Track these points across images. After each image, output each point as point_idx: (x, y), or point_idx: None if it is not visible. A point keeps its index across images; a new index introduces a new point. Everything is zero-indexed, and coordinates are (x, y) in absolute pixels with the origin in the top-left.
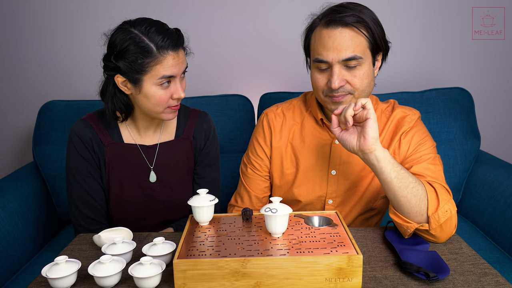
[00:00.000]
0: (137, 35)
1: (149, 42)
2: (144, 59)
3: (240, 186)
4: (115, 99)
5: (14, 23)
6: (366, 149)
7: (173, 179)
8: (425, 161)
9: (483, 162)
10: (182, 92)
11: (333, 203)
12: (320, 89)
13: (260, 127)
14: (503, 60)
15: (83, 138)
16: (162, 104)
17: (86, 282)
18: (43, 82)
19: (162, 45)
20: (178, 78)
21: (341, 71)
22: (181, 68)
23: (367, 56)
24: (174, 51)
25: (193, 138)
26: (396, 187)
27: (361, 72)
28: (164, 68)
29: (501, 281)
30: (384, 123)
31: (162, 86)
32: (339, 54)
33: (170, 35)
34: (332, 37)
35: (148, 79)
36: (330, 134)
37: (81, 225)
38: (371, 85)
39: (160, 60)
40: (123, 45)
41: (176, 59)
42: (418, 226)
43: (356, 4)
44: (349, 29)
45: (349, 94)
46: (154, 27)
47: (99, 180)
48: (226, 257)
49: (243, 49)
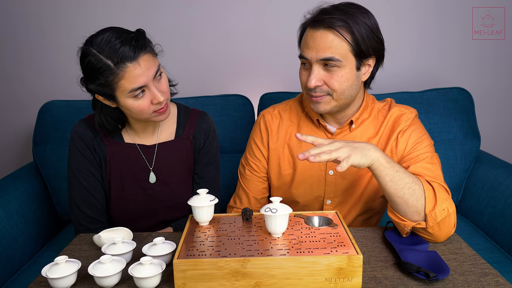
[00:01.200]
0: (94, 55)
1: (106, 60)
2: (106, 78)
3: (239, 188)
4: (103, 112)
5: (14, 23)
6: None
7: (173, 179)
8: (422, 160)
9: (483, 162)
10: (160, 96)
11: (331, 203)
12: (303, 85)
13: (257, 128)
14: (503, 60)
15: (85, 138)
16: (145, 111)
17: (86, 282)
18: (43, 82)
19: (118, 60)
20: (152, 84)
21: (319, 71)
22: (149, 74)
23: (349, 60)
24: (132, 62)
25: (193, 137)
26: (391, 189)
27: (340, 74)
28: (129, 81)
29: (501, 281)
30: (380, 122)
31: (136, 98)
32: (318, 53)
33: (125, 45)
34: (314, 37)
35: (119, 94)
36: (326, 134)
37: (81, 224)
38: (352, 89)
39: (122, 75)
40: (85, 69)
41: (138, 68)
42: (414, 224)
43: (354, 7)
44: (331, 32)
45: (327, 95)
46: (109, 41)
47: (100, 180)
48: (226, 257)
49: (243, 49)
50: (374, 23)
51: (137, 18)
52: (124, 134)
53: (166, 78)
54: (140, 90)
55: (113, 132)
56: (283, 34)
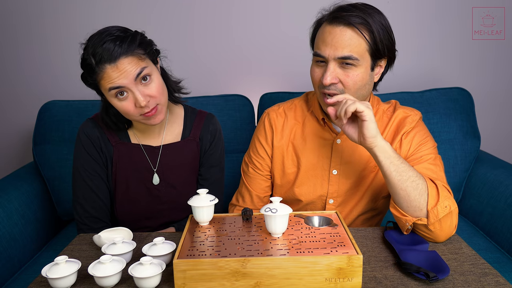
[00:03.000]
0: (86, 53)
1: (92, 58)
2: (91, 76)
3: (242, 186)
4: (107, 111)
5: (14, 23)
6: (366, 146)
7: (178, 180)
8: (426, 161)
9: (483, 162)
10: (142, 100)
11: (334, 202)
12: (316, 82)
13: (261, 126)
14: (503, 60)
15: (92, 137)
16: (131, 113)
17: (86, 282)
18: (43, 82)
19: (98, 60)
20: (134, 86)
21: (335, 68)
22: (128, 77)
23: (365, 59)
24: (111, 64)
25: (200, 139)
26: (395, 180)
27: (355, 73)
28: (107, 81)
29: (501, 281)
30: (385, 124)
31: (118, 98)
32: (336, 51)
33: (107, 47)
34: (332, 33)
35: (104, 93)
36: (331, 134)
37: (84, 223)
38: (365, 89)
39: (101, 76)
40: (81, 66)
41: (116, 71)
42: (416, 220)
43: (369, 7)
44: (351, 29)
45: (340, 94)
46: (98, 39)
47: (105, 180)
48: (226, 257)
49: (243, 49)
50: (388, 24)
51: (137, 19)
52: (131, 134)
53: (158, 83)
54: (120, 91)
55: (120, 131)
56: (283, 34)
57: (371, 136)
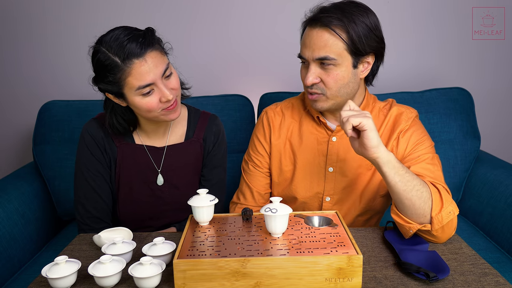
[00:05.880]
0: (103, 53)
1: (114, 57)
2: (114, 76)
3: (242, 183)
4: (115, 113)
5: (14, 23)
6: (368, 157)
7: (181, 181)
8: (423, 161)
9: (483, 162)
10: (169, 94)
11: (330, 200)
12: (303, 83)
13: (260, 124)
14: (503, 60)
15: (96, 138)
16: (153, 109)
17: (86, 282)
18: (43, 82)
19: (125, 56)
20: (160, 81)
21: (316, 69)
22: (157, 71)
23: (345, 58)
24: (139, 58)
25: (203, 140)
26: (400, 190)
27: (335, 72)
28: (137, 79)
29: (501, 281)
30: (381, 121)
31: (144, 95)
32: (313, 53)
33: (132, 42)
34: (310, 35)
35: (127, 92)
36: (327, 132)
37: (86, 223)
38: (349, 86)
39: (129, 72)
40: (95, 67)
41: (145, 65)
42: (420, 226)
43: (353, 5)
44: (326, 30)
45: (322, 94)
46: (117, 38)
47: (108, 180)
48: (226, 257)
49: (243, 49)
50: (373, 22)
51: (137, 19)
52: (135, 135)
53: (176, 76)
54: (149, 88)
55: (124, 133)
56: (283, 34)
57: (373, 146)
